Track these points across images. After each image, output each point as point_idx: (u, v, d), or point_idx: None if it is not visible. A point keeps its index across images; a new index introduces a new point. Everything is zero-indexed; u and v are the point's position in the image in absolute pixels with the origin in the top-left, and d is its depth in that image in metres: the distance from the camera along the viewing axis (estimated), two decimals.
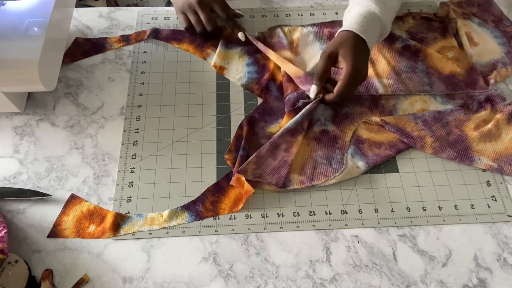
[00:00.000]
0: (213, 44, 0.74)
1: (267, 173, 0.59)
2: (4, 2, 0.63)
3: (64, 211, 0.57)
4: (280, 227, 0.57)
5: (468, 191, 0.60)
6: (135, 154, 0.62)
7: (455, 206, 0.59)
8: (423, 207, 0.58)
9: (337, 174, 0.60)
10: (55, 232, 0.55)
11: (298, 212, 0.58)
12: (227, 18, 0.72)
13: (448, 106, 0.67)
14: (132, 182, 0.60)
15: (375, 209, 0.58)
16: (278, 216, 0.57)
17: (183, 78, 0.71)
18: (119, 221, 0.56)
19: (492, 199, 0.59)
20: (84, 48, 0.74)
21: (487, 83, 0.69)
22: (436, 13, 0.79)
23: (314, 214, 0.58)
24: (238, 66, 0.71)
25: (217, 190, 0.59)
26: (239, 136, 0.63)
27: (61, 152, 0.63)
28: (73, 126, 0.65)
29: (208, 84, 0.70)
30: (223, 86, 0.70)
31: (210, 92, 0.69)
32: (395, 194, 0.59)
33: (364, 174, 0.61)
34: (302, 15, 0.79)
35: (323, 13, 0.80)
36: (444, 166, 0.62)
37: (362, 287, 0.52)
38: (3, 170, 0.61)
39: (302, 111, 0.62)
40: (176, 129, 0.65)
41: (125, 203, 0.58)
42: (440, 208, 0.58)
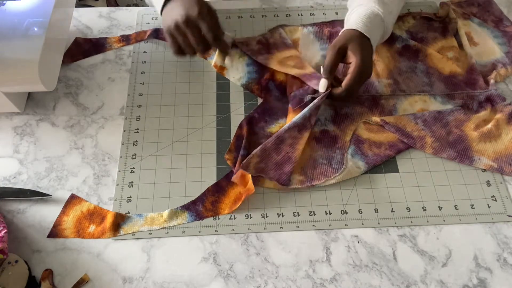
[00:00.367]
0: None
1: (270, 168, 0.59)
2: (4, 2, 0.63)
3: (64, 211, 0.57)
4: (280, 227, 0.57)
5: (468, 191, 0.60)
6: (135, 154, 0.62)
7: (455, 206, 0.59)
8: (423, 207, 0.58)
9: (337, 174, 0.60)
10: (55, 232, 0.55)
11: (298, 212, 0.58)
12: (214, 39, 0.61)
13: (448, 106, 0.67)
14: (132, 182, 0.60)
15: (375, 209, 0.58)
16: (278, 216, 0.57)
17: (183, 78, 0.71)
18: (119, 221, 0.56)
19: (492, 199, 0.59)
20: (84, 48, 0.74)
21: (487, 83, 0.69)
22: (436, 13, 0.79)
23: (314, 214, 0.58)
24: (238, 66, 0.71)
25: (217, 190, 0.59)
26: (239, 136, 0.63)
27: (61, 152, 0.63)
28: (73, 126, 0.65)
29: (208, 84, 0.70)
30: (223, 86, 0.70)
31: (210, 92, 0.69)
32: (395, 194, 0.59)
33: (364, 174, 0.61)
34: (302, 15, 0.79)
35: (323, 13, 0.80)
36: (444, 166, 0.62)
37: (362, 287, 0.52)
38: (3, 170, 0.61)
39: (310, 106, 0.61)
40: (176, 129, 0.65)
41: (125, 203, 0.58)
42: (440, 208, 0.58)
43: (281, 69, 0.67)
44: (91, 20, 0.78)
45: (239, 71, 0.71)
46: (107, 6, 1.07)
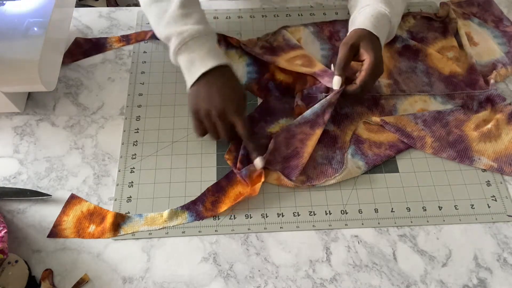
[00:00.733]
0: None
1: (277, 161, 0.59)
2: (4, 2, 0.63)
3: (64, 211, 0.57)
4: (280, 227, 0.57)
5: (468, 191, 0.60)
6: (135, 154, 0.62)
7: (455, 206, 0.59)
8: (423, 207, 0.58)
9: (337, 174, 0.60)
10: (55, 232, 0.55)
11: (298, 212, 0.58)
12: (248, 139, 0.58)
13: (448, 106, 0.67)
14: (132, 182, 0.60)
15: (375, 209, 0.58)
16: (278, 216, 0.57)
17: (183, 78, 0.70)
18: (119, 221, 0.56)
19: (492, 199, 0.59)
20: (84, 48, 0.73)
21: (487, 83, 0.69)
22: (437, 13, 0.79)
23: (314, 214, 0.58)
24: (238, 66, 0.71)
25: (217, 190, 0.59)
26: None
27: (61, 152, 0.63)
28: (73, 126, 0.65)
29: None
30: None
31: None
32: (395, 194, 0.59)
33: (364, 174, 0.61)
34: (302, 15, 0.79)
35: (323, 13, 0.80)
36: (444, 166, 0.62)
37: (362, 287, 0.52)
38: (3, 170, 0.61)
39: (322, 102, 0.61)
40: (176, 129, 0.65)
41: (125, 203, 0.58)
42: (440, 208, 0.58)
43: (290, 68, 0.67)
44: (91, 20, 0.78)
45: (239, 71, 0.71)
46: (107, 6, 1.07)
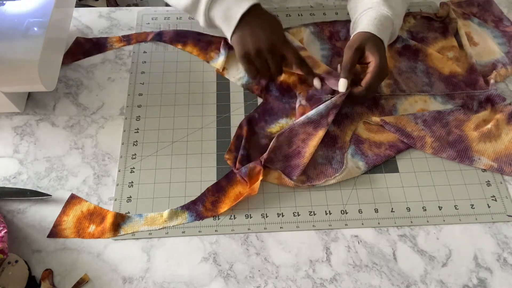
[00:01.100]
0: (217, 48, 0.73)
1: (278, 159, 0.60)
2: (4, 2, 0.63)
3: (64, 211, 0.57)
4: (280, 227, 0.57)
5: (468, 191, 0.60)
6: (135, 154, 0.62)
7: (455, 206, 0.59)
8: (423, 207, 0.58)
9: (338, 174, 0.60)
10: (55, 232, 0.55)
11: (298, 212, 0.58)
12: (301, 65, 0.62)
13: (448, 106, 0.67)
14: (132, 182, 0.60)
15: (375, 209, 0.58)
16: (278, 216, 0.57)
17: (183, 78, 0.71)
18: (119, 221, 0.56)
19: (492, 199, 0.59)
20: (85, 48, 0.73)
21: (487, 83, 0.69)
22: (437, 13, 0.79)
23: (314, 214, 0.58)
24: (239, 66, 0.71)
25: (217, 190, 0.59)
26: (239, 136, 0.63)
27: (61, 152, 0.63)
28: (73, 126, 0.65)
29: (208, 84, 0.70)
30: (223, 86, 0.70)
31: (210, 92, 0.69)
32: (395, 194, 0.59)
33: (364, 174, 0.61)
34: (302, 15, 0.79)
35: (323, 13, 0.80)
36: (444, 166, 0.62)
37: (362, 287, 0.52)
38: (3, 170, 0.61)
39: (327, 103, 0.61)
40: (176, 129, 0.65)
41: (125, 203, 0.58)
42: (440, 208, 0.58)
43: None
44: (91, 20, 0.78)
45: (239, 71, 0.71)
46: (107, 6, 1.07)
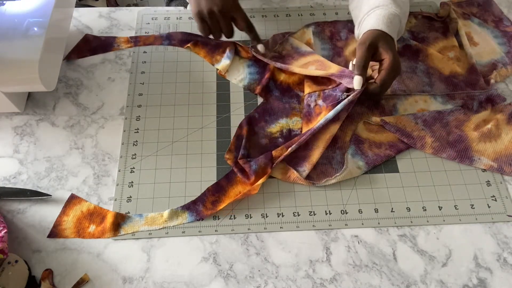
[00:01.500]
0: (223, 51, 0.73)
1: (286, 157, 0.60)
2: (4, 2, 0.63)
3: (64, 211, 0.57)
4: (280, 227, 0.57)
5: (468, 191, 0.60)
6: (135, 154, 0.62)
7: (455, 206, 0.59)
8: (423, 207, 0.58)
9: (338, 174, 0.60)
10: (55, 232, 0.55)
11: (298, 212, 0.58)
12: (249, 30, 0.69)
13: (448, 106, 0.67)
14: (132, 182, 0.60)
15: (375, 209, 0.58)
16: (278, 216, 0.57)
17: (183, 78, 0.71)
18: (119, 221, 0.56)
19: (492, 199, 0.59)
20: (92, 46, 0.74)
21: (488, 83, 0.69)
22: (437, 13, 0.79)
23: (314, 214, 0.58)
24: (239, 68, 0.71)
25: (217, 190, 0.59)
26: (239, 136, 0.63)
27: (61, 152, 0.63)
28: (73, 126, 0.65)
29: (208, 84, 0.70)
30: (223, 86, 0.70)
31: (210, 92, 0.69)
32: (395, 194, 0.59)
33: (364, 174, 0.61)
34: (302, 15, 0.79)
35: (323, 13, 0.80)
36: (444, 166, 0.62)
37: (362, 287, 0.52)
38: (3, 170, 0.61)
39: (344, 102, 0.61)
40: (176, 129, 0.65)
41: (125, 203, 0.58)
42: (440, 208, 0.58)
43: (305, 72, 0.67)
44: (91, 20, 0.78)
45: (240, 73, 0.71)
46: (107, 6, 1.07)
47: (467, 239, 0.56)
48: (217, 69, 0.71)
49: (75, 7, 0.75)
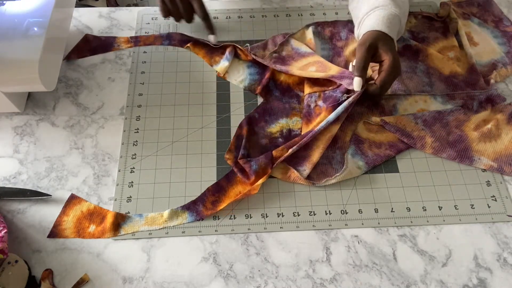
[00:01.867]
0: (222, 53, 0.73)
1: (287, 158, 0.60)
2: (4, 2, 0.63)
3: (64, 211, 0.57)
4: (280, 227, 0.57)
5: (468, 191, 0.60)
6: (135, 154, 0.62)
7: (455, 206, 0.59)
8: (423, 207, 0.58)
9: (338, 174, 0.60)
10: (55, 232, 0.55)
11: (298, 212, 0.58)
12: (204, 18, 0.71)
13: (448, 106, 0.67)
14: (132, 182, 0.60)
15: (375, 209, 0.58)
16: (278, 216, 0.57)
17: (183, 78, 0.71)
18: (119, 221, 0.56)
19: (492, 199, 0.59)
20: (92, 46, 0.74)
21: (488, 83, 0.69)
22: (438, 13, 0.79)
23: (314, 214, 0.58)
24: (239, 69, 0.71)
25: (217, 190, 0.59)
26: (240, 136, 0.63)
27: (61, 152, 0.63)
28: (73, 126, 0.65)
29: (208, 84, 0.70)
30: (223, 86, 0.70)
31: (210, 92, 0.69)
32: (395, 194, 0.59)
33: (364, 174, 0.61)
34: (302, 15, 0.79)
35: (323, 13, 0.80)
36: (444, 166, 0.62)
37: (362, 287, 0.52)
38: (3, 170, 0.61)
39: (344, 104, 0.61)
40: (176, 129, 0.65)
41: (125, 203, 0.58)
42: (440, 208, 0.58)
43: (305, 75, 0.67)
44: (91, 20, 0.78)
45: (241, 74, 0.71)
46: (107, 6, 1.07)
47: (467, 239, 0.56)
48: (216, 71, 0.71)
49: (75, 7, 0.75)
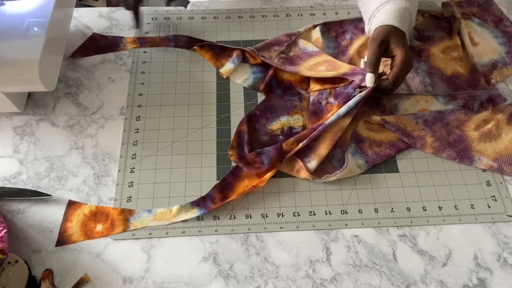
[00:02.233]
0: (229, 55, 0.72)
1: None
2: (4, 2, 0.63)
3: (66, 218, 0.57)
4: (280, 227, 0.57)
5: (468, 191, 0.60)
6: (135, 154, 0.62)
7: (455, 206, 0.59)
8: (423, 207, 0.58)
9: (338, 172, 0.59)
10: (63, 240, 0.55)
11: (298, 212, 0.58)
12: (133, 7, 0.71)
13: (450, 107, 0.67)
14: (132, 182, 0.60)
15: (375, 209, 0.58)
16: (278, 216, 0.57)
17: (183, 78, 0.71)
18: (128, 216, 0.56)
19: (492, 199, 0.59)
20: (99, 45, 0.74)
21: (489, 83, 0.69)
22: (443, 14, 0.78)
23: (314, 214, 0.58)
24: (243, 68, 0.71)
25: (225, 187, 0.59)
26: (241, 132, 0.63)
27: (61, 152, 0.63)
28: (73, 126, 0.65)
29: (208, 84, 0.70)
30: (223, 86, 0.70)
31: (210, 92, 0.69)
32: (395, 194, 0.59)
33: (364, 174, 0.61)
34: (302, 15, 0.79)
35: (323, 13, 0.80)
36: (444, 166, 0.62)
37: (362, 287, 0.52)
38: (3, 170, 0.61)
39: (355, 98, 0.61)
40: (176, 129, 0.65)
41: (125, 203, 0.58)
42: (440, 208, 0.58)
43: (316, 75, 0.67)
44: (91, 20, 0.78)
45: (244, 73, 0.71)
46: (107, 6, 1.07)
47: (467, 239, 0.56)
48: (220, 72, 0.71)
49: (75, 7, 0.75)
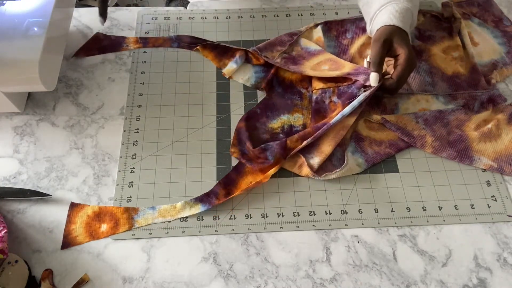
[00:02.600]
0: (232, 55, 0.72)
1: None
2: (4, 2, 0.63)
3: (70, 220, 0.56)
4: (280, 227, 0.57)
5: (468, 191, 0.60)
6: (135, 154, 0.62)
7: (455, 206, 0.59)
8: (423, 207, 0.58)
9: (338, 170, 0.60)
10: (68, 242, 0.55)
11: (298, 212, 0.58)
12: (101, 4, 0.67)
13: (450, 106, 0.67)
14: (132, 182, 0.60)
15: (375, 209, 0.58)
16: (278, 216, 0.57)
17: (183, 78, 0.71)
18: (132, 214, 0.56)
19: (492, 199, 0.59)
20: (102, 44, 0.74)
21: (489, 83, 0.69)
22: (443, 14, 0.78)
23: (314, 214, 0.58)
24: (245, 68, 0.71)
25: (228, 183, 0.59)
26: (240, 129, 0.63)
27: (61, 152, 0.63)
28: (73, 126, 0.65)
29: (208, 84, 0.70)
30: (223, 86, 0.70)
31: (210, 92, 0.69)
32: (395, 194, 0.59)
33: (364, 174, 0.61)
34: (302, 15, 0.79)
35: (323, 13, 0.80)
36: (444, 166, 0.62)
37: (362, 287, 0.52)
38: (3, 170, 0.61)
39: (360, 98, 0.61)
40: (176, 129, 0.65)
41: (125, 203, 0.58)
42: (440, 208, 0.58)
43: (320, 75, 0.67)
44: (91, 20, 0.78)
45: (247, 73, 0.71)
46: None
47: (467, 239, 0.56)
48: (223, 72, 0.71)
49: (75, 7, 0.75)
